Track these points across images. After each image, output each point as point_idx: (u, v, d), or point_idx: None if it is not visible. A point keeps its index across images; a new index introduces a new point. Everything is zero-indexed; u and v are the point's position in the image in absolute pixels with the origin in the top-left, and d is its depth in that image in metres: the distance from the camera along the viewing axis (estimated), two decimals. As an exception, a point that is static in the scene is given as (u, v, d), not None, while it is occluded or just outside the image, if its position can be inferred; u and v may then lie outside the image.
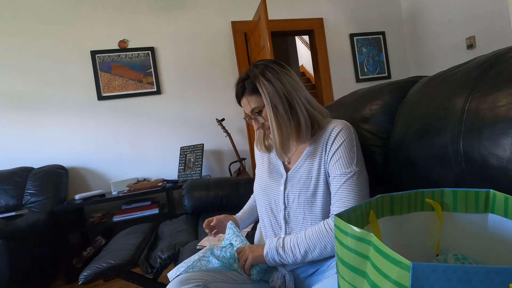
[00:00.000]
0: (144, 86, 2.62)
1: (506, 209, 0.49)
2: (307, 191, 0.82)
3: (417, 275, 0.33)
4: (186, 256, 1.12)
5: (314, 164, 0.83)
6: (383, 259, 0.36)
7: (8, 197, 2.09)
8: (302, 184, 0.83)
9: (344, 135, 0.81)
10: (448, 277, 0.32)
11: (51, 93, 2.45)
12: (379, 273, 0.37)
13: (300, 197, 0.82)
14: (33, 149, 2.41)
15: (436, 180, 0.69)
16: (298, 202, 0.83)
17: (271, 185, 0.90)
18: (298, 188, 0.83)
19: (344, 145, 0.80)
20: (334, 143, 0.81)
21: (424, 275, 0.33)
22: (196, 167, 2.43)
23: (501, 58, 0.61)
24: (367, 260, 0.40)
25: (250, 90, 0.83)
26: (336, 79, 3.10)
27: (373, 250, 0.38)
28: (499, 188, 0.53)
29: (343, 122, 0.85)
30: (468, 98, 0.61)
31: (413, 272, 0.33)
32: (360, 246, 0.41)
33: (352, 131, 0.83)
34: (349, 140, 0.81)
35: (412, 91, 0.88)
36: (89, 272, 1.10)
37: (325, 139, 0.83)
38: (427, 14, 2.97)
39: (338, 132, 0.82)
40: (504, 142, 0.52)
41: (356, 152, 0.81)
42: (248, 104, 0.85)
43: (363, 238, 0.40)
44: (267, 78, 0.81)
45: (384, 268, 0.36)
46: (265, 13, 2.24)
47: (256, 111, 0.84)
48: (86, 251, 2.16)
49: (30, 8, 2.42)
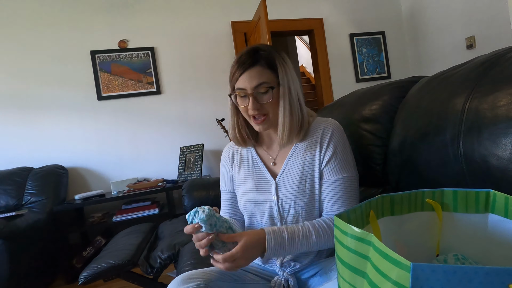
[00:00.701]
0: (144, 86, 2.62)
1: (506, 209, 0.49)
2: (304, 196, 0.76)
3: (417, 276, 0.33)
4: (186, 256, 1.12)
5: (306, 166, 0.77)
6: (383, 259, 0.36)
7: (8, 197, 2.09)
8: (297, 189, 0.76)
9: (338, 137, 0.78)
10: (448, 278, 0.32)
11: (51, 93, 2.45)
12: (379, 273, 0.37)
13: (297, 203, 0.76)
14: (33, 149, 2.41)
15: (436, 180, 0.69)
16: (295, 210, 0.77)
17: (260, 197, 0.81)
18: (293, 194, 0.77)
19: (340, 148, 0.77)
20: (329, 146, 0.77)
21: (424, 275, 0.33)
22: (196, 167, 2.43)
23: (501, 58, 0.61)
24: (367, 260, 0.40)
25: (265, 63, 0.74)
26: (336, 79, 3.10)
27: (373, 251, 0.38)
28: (499, 188, 0.53)
29: (332, 121, 0.81)
30: (468, 98, 0.61)
31: (413, 272, 0.33)
32: (360, 247, 0.41)
33: (343, 131, 0.81)
34: (343, 142, 0.79)
35: (412, 91, 0.88)
36: (89, 272, 1.10)
37: (317, 139, 0.78)
38: (427, 14, 2.97)
39: (331, 133, 0.78)
40: (504, 142, 0.52)
41: (351, 155, 0.80)
42: (258, 75, 0.74)
43: (363, 238, 0.40)
44: (285, 60, 0.77)
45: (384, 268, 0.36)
46: (265, 13, 2.23)
47: (264, 87, 0.74)
48: (86, 251, 2.16)
49: (30, 8, 2.42)
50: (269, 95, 0.75)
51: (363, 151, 0.97)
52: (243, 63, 0.75)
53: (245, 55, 0.76)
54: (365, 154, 0.97)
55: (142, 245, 1.35)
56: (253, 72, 0.74)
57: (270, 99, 0.75)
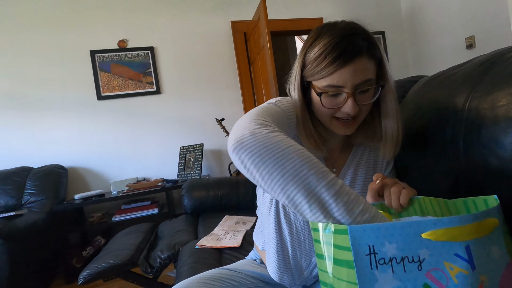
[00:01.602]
0: (143, 85, 2.61)
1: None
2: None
3: (354, 236, 0.41)
4: (186, 256, 1.12)
5: (368, 175, 0.69)
6: (336, 235, 0.44)
7: (7, 197, 2.09)
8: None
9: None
10: (376, 233, 0.41)
11: (50, 93, 2.44)
12: (336, 248, 0.44)
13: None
14: (32, 149, 2.41)
15: (436, 180, 0.69)
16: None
17: None
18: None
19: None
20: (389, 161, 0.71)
21: (359, 234, 0.41)
22: (195, 167, 2.43)
23: (501, 58, 0.61)
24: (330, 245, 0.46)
25: (372, 54, 0.59)
26: (336, 79, 3.09)
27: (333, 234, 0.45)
28: (499, 188, 0.53)
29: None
30: (468, 98, 0.61)
31: (350, 234, 0.41)
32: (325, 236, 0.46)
33: None
34: None
35: (412, 91, 0.88)
36: (89, 272, 1.10)
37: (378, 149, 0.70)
38: (427, 14, 2.97)
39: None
40: (504, 142, 0.52)
41: None
42: (365, 69, 0.57)
43: (326, 228, 0.46)
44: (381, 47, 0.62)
45: (338, 241, 0.43)
46: (265, 13, 2.23)
47: (366, 85, 0.59)
48: (86, 251, 2.16)
49: (29, 8, 2.41)
50: (370, 94, 0.61)
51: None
52: (343, 52, 0.55)
53: (347, 40, 0.56)
54: (365, 154, 0.96)
55: (142, 245, 1.35)
56: (363, 61, 0.57)
57: (372, 99, 0.61)
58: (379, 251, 0.41)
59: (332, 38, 0.57)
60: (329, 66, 0.56)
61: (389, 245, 0.41)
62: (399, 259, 0.40)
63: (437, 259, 0.40)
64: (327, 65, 0.56)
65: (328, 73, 0.57)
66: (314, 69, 0.59)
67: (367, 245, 0.41)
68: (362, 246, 0.41)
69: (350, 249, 0.41)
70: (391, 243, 0.41)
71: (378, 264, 0.41)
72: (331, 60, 0.56)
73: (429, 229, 0.40)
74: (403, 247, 0.40)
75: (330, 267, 0.45)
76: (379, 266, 0.41)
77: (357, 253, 0.41)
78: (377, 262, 0.41)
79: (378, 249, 0.41)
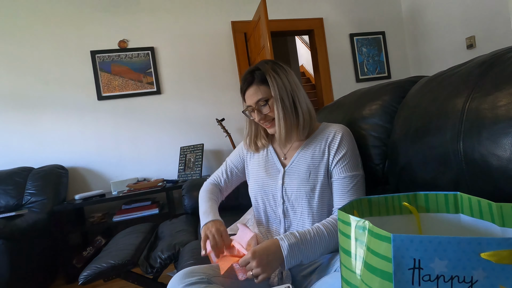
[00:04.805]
0: (144, 86, 2.62)
1: (471, 210, 0.52)
2: (306, 185, 0.87)
3: (398, 246, 0.37)
4: (186, 256, 1.12)
5: (315, 161, 0.89)
6: (373, 238, 0.40)
7: (8, 197, 2.09)
8: (301, 179, 0.87)
9: (349, 140, 0.89)
10: (425, 247, 0.36)
11: (51, 93, 2.45)
12: (371, 253, 0.40)
13: (300, 190, 0.87)
14: (33, 149, 2.41)
15: (436, 180, 0.69)
16: (296, 196, 0.88)
17: (268, 181, 0.94)
18: (297, 182, 0.88)
19: (350, 149, 0.88)
20: (340, 147, 0.87)
21: (404, 245, 0.36)
22: (196, 167, 2.43)
23: (501, 58, 0.61)
24: (363, 244, 0.43)
25: (259, 80, 0.89)
26: (336, 79, 3.10)
27: (367, 234, 0.42)
28: (499, 188, 0.53)
29: (343, 126, 0.92)
30: (468, 98, 0.61)
31: (393, 243, 0.37)
32: (358, 233, 0.44)
33: (352, 136, 0.91)
34: (353, 144, 0.90)
35: (412, 91, 0.88)
36: (89, 272, 1.10)
37: (327, 140, 0.90)
38: (427, 14, 2.97)
39: (342, 136, 0.89)
40: (504, 142, 0.52)
41: (359, 157, 0.90)
42: (255, 93, 0.89)
43: (360, 225, 0.44)
44: (277, 73, 0.89)
45: (374, 246, 0.40)
46: (265, 13, 2.23)
47: (262, 101, 0.89)
48: (86, 251, 2.16)
49: (30, 8, 2.42)
50: (267, 107, 0.89)
51: (363, 151, 0.96)
52: (244, 82, 0.91)
53: (245, 75, 0.91)
54: (365, 154, 0.97)
55: (142, 245, 1.35)
56: (251, 90, 0.90)
57: (269, 109, 0.89)
58: (426, 267, 0.36)
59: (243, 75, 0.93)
60: (241, 93, 0.94)
61: (439, 261, 0.36)
62: (447, 277, 0.36)
63: (493, 282, 0.35)
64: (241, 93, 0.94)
65: (243, 98, 0.94)
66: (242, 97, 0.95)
67: (412, 258, 0.36)
68: (405, 258, 0.36)
69: (390, 260, 0.37)
70: (442, 259, 0.36)
71: (422, 280, 0.36)
72: (240, 90, 0.93)
73: (491, 248, 0.35)
74: (455, 265, 0.35)
75: (359, 270, 0.42)
76: (422, 283, 0.36)
77: (398, 265, 0.37)
78: (420, 278, 0.36)
79: (424, 264, 0.36)
